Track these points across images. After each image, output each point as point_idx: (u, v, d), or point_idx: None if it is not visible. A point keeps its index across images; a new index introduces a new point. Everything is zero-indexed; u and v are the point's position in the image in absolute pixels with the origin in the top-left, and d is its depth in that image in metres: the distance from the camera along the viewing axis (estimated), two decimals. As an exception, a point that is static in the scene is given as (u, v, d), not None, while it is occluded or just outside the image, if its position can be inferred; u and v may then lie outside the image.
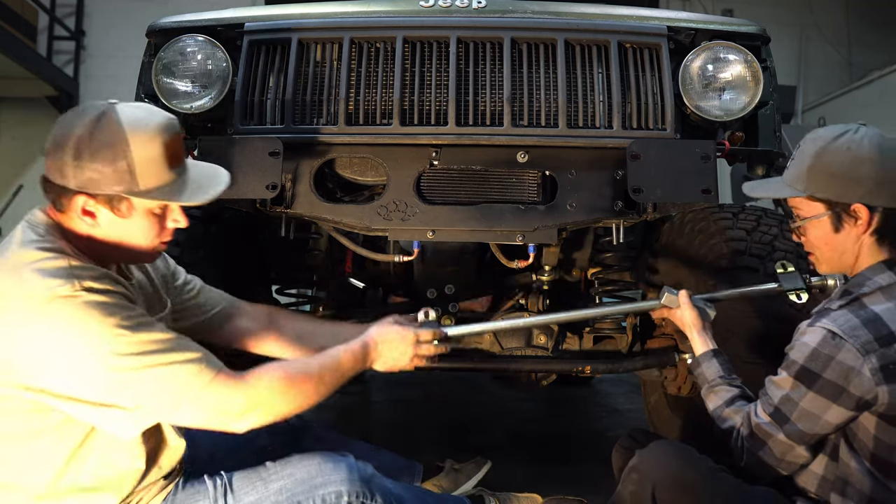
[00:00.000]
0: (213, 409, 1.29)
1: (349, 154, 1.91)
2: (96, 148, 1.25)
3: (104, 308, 1.22)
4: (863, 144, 1.38)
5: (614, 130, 1.85)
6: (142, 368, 1.22)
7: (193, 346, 1.31)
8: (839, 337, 1.30)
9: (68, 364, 1.20)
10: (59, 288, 1.20)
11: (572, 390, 4.27)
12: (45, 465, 1.27)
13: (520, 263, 2.06)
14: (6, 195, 7.40)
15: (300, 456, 1.41)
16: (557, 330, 2.31)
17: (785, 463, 1.40)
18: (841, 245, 1.43)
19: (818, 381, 1.31)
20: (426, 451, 2.31)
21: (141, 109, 1.33)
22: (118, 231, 1.33)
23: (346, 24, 1.94)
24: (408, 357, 1.61)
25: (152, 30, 2.03)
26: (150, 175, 1.29)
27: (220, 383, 1.28)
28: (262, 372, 1.34)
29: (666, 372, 2.41)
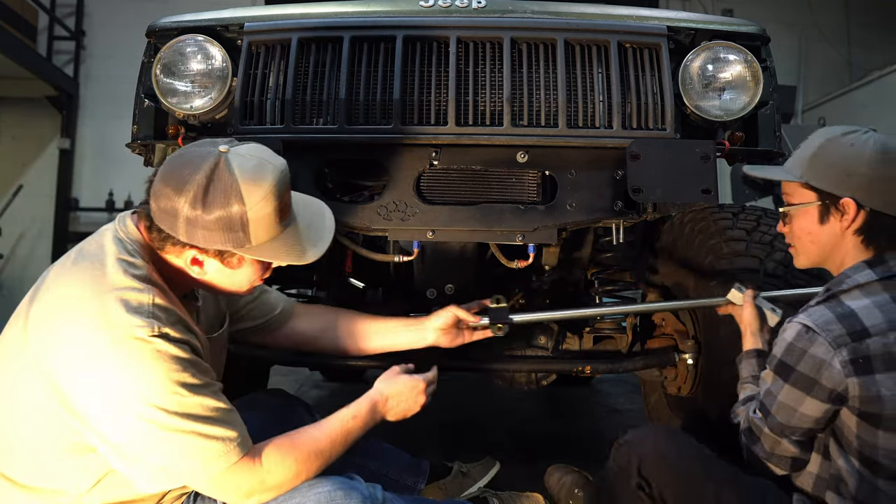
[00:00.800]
0: (226, 490, 1.30)
1: (349, 154, 1.91)
2: (210, 207, 1.25)
3: (175, 362, 1.22)
4: (867, 144, 1.41)
5: (614, 130, 1.85)
6: (182, 432, 1.22)
7: (236, 422, 1.31)
8: (812, 331, 1.34)
9: (121, 407, 1.20)
10: (139, 329, 1.20)
11: (572, 390, 4.27)
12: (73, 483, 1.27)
13: (520, 263, 2.06)
14: (6, 195, 7.41)
15: (308, 484, 1.37)
16: (557, 330, 2.31)
17: (775, 457, 1.43)
18: (822, 238, 1.46)
19: (793, 373, 1.36)
20: (426, 450, 2.31)
21: (253, 160, 1.31)
22: (222, 278, 1.36)
23: (346, 24, 1.93)
24: (419, 404, 1.62)
25: (152, 30, 2.02)
26: (262, 231, 1.30)
27: (241, 468, 1.28)
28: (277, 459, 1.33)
29: (666, 372, 2.41)
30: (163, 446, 1.22)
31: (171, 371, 1.21)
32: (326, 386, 4.37)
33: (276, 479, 1.32)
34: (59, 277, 1.29)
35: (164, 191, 1.27)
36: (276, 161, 1.35)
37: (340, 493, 1.35)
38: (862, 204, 1.40)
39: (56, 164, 7.67)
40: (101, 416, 1.20)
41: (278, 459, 1.33)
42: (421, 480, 1.89)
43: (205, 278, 1.35)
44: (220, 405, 1.28)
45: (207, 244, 1.28)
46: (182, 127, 1.97)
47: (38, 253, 7.50)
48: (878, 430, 1.30)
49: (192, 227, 1.26)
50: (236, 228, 1.27)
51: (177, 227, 1.27)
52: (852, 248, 1.44)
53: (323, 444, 1.41)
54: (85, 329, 1.20)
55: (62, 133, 7.67)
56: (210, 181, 1.25)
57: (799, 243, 1.52)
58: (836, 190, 1.42)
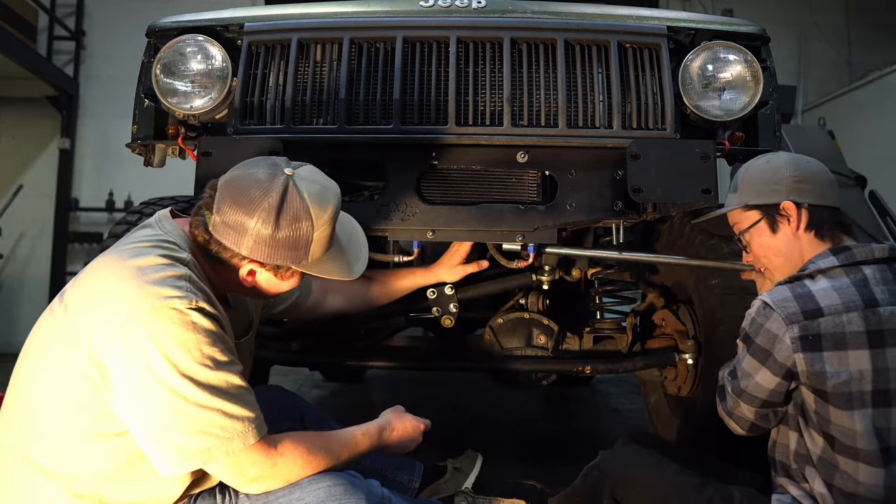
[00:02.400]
0: (236, 471, 1.31)
1: (349, 154, 1.91)
2: (281, 227, 1.33)
3: (207, 334, 1.26)
4: (779, 156, 1.62)
5: (614, 130, 1.85)
6: (207, 408, 1.24)
7: (255, 405, 1.33)
8: (769, 307, 1.44)
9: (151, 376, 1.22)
10: (177, 300, 1.24)
11: (572, 390, 4.27)
12: (93, 468, 1.29)
13: (520, 263, 2.06)
14: (6, 195, 7.40)
15: (309, 479, 1.38)
16: (557, 330, 2.31)
17: (734, 417, 1.55)
18: (781, 246, 1.58)
19: (752, 344, 1.47)
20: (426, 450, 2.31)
21: (317, 185, 1.39)
22: (269, 286, 1.44)
23: (345, 24, 1.93)
24: (415, 443, 1.71)
25: (152, 30, 2.02)
26: (318, 249, 1.40)
27: (255, 451, 1.30)
28: (290, 446, 1.36)
29: (666, 372, 2.41)
30: (187, 421, 1.24)
31: (203, 343, 1.25)
32: (326, 386, 4.37)
33: (286, 466, 1.34)
34: (100, 263, 1.34)
35: (233, 208, 1.33)
36: (333, 185, 1.44)
37: (340, 488, 1.37)
38: (799, 202, 1.54)
39: (56, 164, 7.66)
40: (133, 387, 1.22)
41: (291, 448, 1.36)
42: (415, 479, 1.90)
43: (252, 284, 1.42)
44: (243, 385, 1.31)
45: (269, 260, 1.36)
46: (182, 127, 1.97)
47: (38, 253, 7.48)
48: (829, 405, 1.38)
49: (258, 244, 1.34)
50: (301, 247, 1.36)
51: (241, 243, 1.34)
52: (808, 245, 1.55)
53: (334, 446, 1.45)
54: (125, 302, 1.24)
55: (62, 133, 7.67)
56: (282, 203, 1.33)
57: (767, 261, 1.63)
58: (772, 199, 1.57)
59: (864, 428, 1.34)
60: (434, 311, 2.15)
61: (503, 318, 2.32)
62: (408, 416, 1.71)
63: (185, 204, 2.30)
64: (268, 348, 2.22)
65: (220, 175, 1.46)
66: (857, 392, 1.35)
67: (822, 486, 1.40)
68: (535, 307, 2.35)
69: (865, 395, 1.35)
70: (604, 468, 1.63)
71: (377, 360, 2.34)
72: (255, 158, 1.44)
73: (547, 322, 2.30)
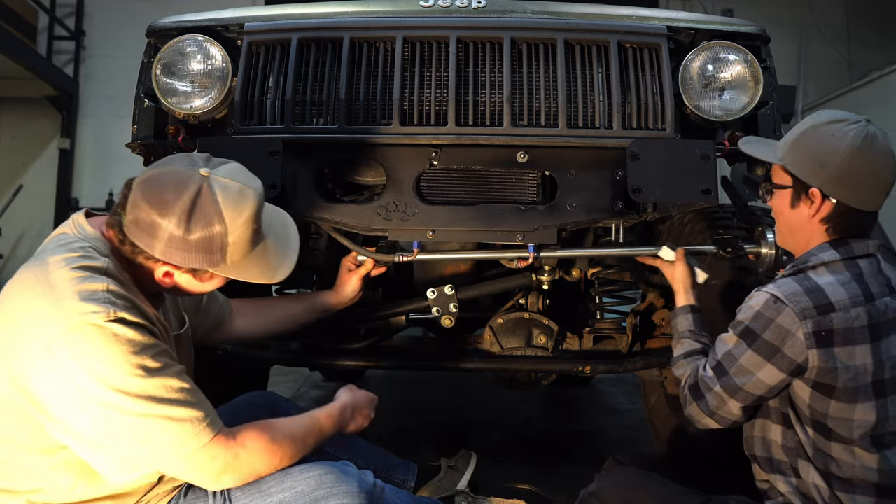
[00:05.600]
0: (196, 469, 1.29)
1: (349, 154, 1.91)
2: (192, 231, 1.27)
3: (131, 345, 1.22)
4: (847, 136, 1.41)
5: (614, 130, 1.85)
6: (145, 416, 1.22)
7: (203, 402, 1.31)
8: (781, 301, 1.39)
9: (79, 393, 1.19)
10: (94, 315, 1.20)
11: (572, 390, 4.27)
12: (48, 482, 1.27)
13: (520, 263, 2.05)
14: (6, 195, 7.41)
15: (300, 468, 1.39)
16: (557, 330, 2.31)
17: (717, 416, 1.49)
18: (791, 221, 1.51)
19: (757, 340, 1.41)
20: (425, 451, 2.31)
21: (235, 186, 1.33)
22: (191, 287, 1.38)
23: (345, 24, 1.93)
24: (369, 419, 1.71)
25: (152, 30, 2.02)
26: (237, 252, 1.34)
27: (214, 447, 1.28)
28: (251, 436, 1.35)
29: (666, 372, 2.41)
30: (129, 433, 1.21)
31: (129, 354, 1.21)
32: (326, 386, 4.37)
33: (249, 457, 1.33)
34: (16, 282, 1.29)
35: (145, 209, 1.27)
36: (255, 185, 1.37)
37: (332, 476, 1.37)
38: (828, 195, 1.43)
39: (56, 163, 7.67)
40: (65, 407, 1.20)
41: (253, 437, 1.34)
42: (410, 479, 1.90)
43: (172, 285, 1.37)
44: (184, 385, 1.28)
45: (183, 263, 1.31)
46: (182, 127, 1.97)
47: (38, 253, 7.50)
48: (831, 399, 1.37)
49: (170, 248, 1.28)
50: (215, 251, 1.30)
51: (153, 246, 1.28)
52: (816, 234, 1.48)
53: (297, 432, 1.43)
54: (42, 324, 1.20)
55: (62, 133, 7.68)
56: (194, 206, 1.27)
57: (777, 221, 1.58)
58: (808, 178, 1.45)
59: (864, 419, 1.36)
60: (434, 311, 2.14)
61: (503, 318, 2.32)
62: (360, 392, 1.72)
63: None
64: (268, 348, 2.21)
65: None
66: (862, 385, 1.36)
67: (818, 478, 1.40)
68: (535, 307, 2.35)
69: (868, 388, 1.36)
70: (602, 497, 1.60)
71: (377, 360, 2.34)
72: (176, 155, 1.39)
73: (547, 322, 2.30)
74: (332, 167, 1.97)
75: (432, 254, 2.03)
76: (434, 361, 2.42)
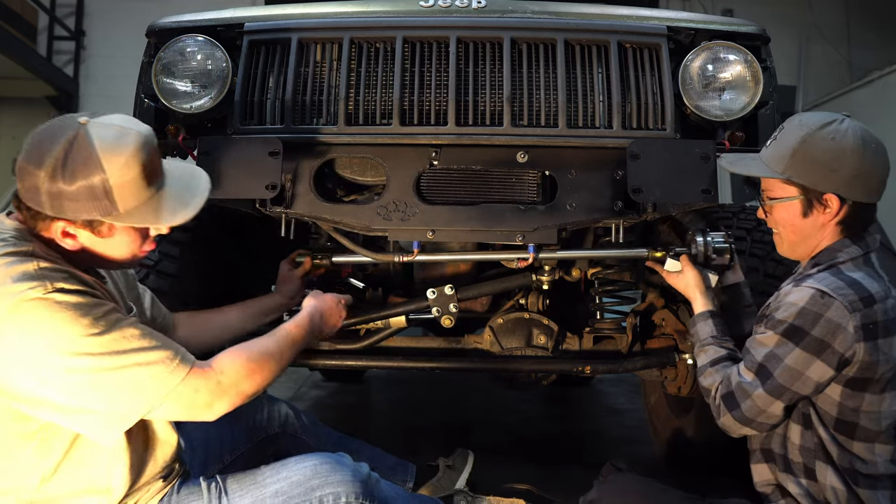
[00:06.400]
0: (187, 405, 1.30)
1: (349, 154, 1.91)
2: (70, 177, 1.23)
3: (77, 308, 1.21)
4: (847, 136, 1.43)
5: (614, 130, 1.85)
6: (116, 369, 1.22)
7: (168, 342, 1.31)
8: (828, 295, 1.37)
9: (41, 367, 1.19)
10: (31, 291, 1.19)
11: (572, 390, 4.27)
12: (32, 472, 1.27)
13: (520, 264, 2.05)
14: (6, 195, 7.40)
15: (296, 458, 1.41)
16: (557, 330, 2.31)
17: (756, 423, 1.45)
18: (805, 230, 1.50)
19: (806, 337, 1.37)
20: (425, 451, 2.31)
21: (113, 129, 1.28)
22: (100, 248, 1.33)
23: (345, 24, 1.93)
24: (341, 319, 1.80)
25: (152, 30, 2.02)
26: (128, 196, 1.27)
27: (193, 378, 1.29)
28: (227, 360, 1.36)
29: (666, 372, 2.41)
30: (103, 389, 1.22)
31: (78, 317, 1.20)
32: (326, 386, 4.37)
33: (231, 377, 1.34)
34: None
35: (26, 167, 1.25)
36: (139, 128, 1.32)
37: (327, 466, 1.39)
38: (845, 198, 1.44)
39: (56, 164, 7.67)
40: (35, 385, 1.20)
41: (228, 361, 1.36)
42: (409, 479, 1.90)
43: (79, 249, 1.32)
44: (143, 332, 1.28)
45: (76, 215, 1.26)
46: (182, 127, 1.97)
47: (38, 253, 7.50)
48: (865, 393, 1.37)
49: (56, 199, 1.24)
50: (100, 196, 1.25)
51: (41, 202, 1.24)
52: (830, 235, 1.49)
53: (271, 346, 1.46)
54: None
55: (62, 133, 7.67)
56: (68, 152, 1.23)
57: (783, 232, 1.56)
58: (819, 186, 1.45)
59: (892, 409, 1.38)
60: (434, 311, 2.14)
61: (503, 318, 2.32)
62: (327, 296, 1.77)
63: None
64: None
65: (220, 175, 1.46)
66: (891, 376, 1.38)
67: (836, 480, 1.39)
68: (535, 307, 2.35)
69: (894, 379, 1.39)
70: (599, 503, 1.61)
71: (377, 360, 2.34)
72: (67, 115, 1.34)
73: (547, 322, 2.30)
74: (331, 167, 1.97)
75: (432, 254, 2.03)
76: (434, 361, 2.42)
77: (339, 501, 1.36)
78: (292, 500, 1.35)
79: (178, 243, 2.13)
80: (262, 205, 1.89)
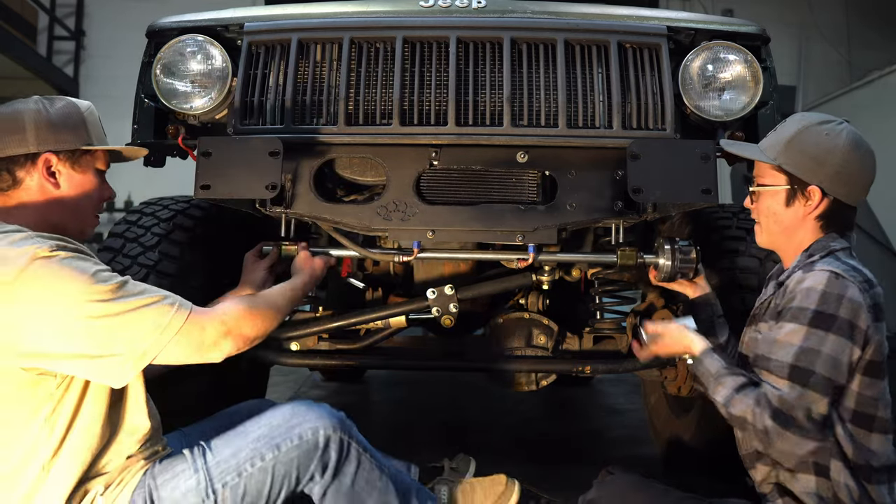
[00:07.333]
0: (194, 343, 1.38)
1: (349, 154, 1.91)
2: (57, 115, 1.44)
3: (81, 261, 1.31)
4: (840, 136, 1.50)
5: (614, 130, 1.85)
6: (128, 310, 1.30)
7: (164, 290, 1.41)
8: (842, 277, 1.39)
9: (62, 318, 1.26)
10: (38, 250, 1.27)
11: (572, 390, 4.27)
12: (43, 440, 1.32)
13: (520, 264, 2.05)
14: None
15: (274, 407, 1.53)
16: (557, 330, 2.31)
17: (813, 431, 1.35)
18: (785, 219, 1.55)
19: (836, 321, 1.36)
20: (425, 451, 2.31)
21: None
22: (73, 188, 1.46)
23: (345, 24, 1.93)
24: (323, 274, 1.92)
25: (152, 30, 2.02)
26: (95, 133, 1.50)
27: (197, 317, 1.38)
28: (228, 305, 1.48)
29: (666, 372, 2.41)
30: (120, 330, 1.30)
31: (84, 267, 1.30)
32: (326, 386, 4.37)
33: (233, 319, 1.45)
34: None
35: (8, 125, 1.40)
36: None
37: (303, 407, 1.51)
38: (827, 192, 1.49)
39: (56, 164, 7.67)
40: (54, 336, 1.27)
41: (230, 305, 1.48)
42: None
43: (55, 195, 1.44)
44: (139, 281, 1.39)
45: (57, 144, 1.42)
46: (182, 127, 1.97)
47: (38, 253, 7.50)
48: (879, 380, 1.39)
49: (42, 131, 1.41)
50: (79, 126, 1.46)
51: (26, 139, 1.40)
52: (810, 231, 1.53)
53: (271, 300, 1.60)
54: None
55: (62, 133, 7.67)
56: (49, 102, 1.45)
57: (764, 222, 1.61)
58: (806, 177, 1.50)
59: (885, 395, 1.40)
60: (434, 311, 2.14)
61: (503, 318, 2.32)
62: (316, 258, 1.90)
63: (185, 204, 2.30)
64: (267, 348, 2.21)
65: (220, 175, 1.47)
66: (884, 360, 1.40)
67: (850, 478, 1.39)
68: (535, 307, 2.35)
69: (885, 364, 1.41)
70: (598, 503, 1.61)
71: (377, 360, 2.34)
72: None
73: (547, 322, 2.30)
74: (331, 167, 1.97)
75: (432, 254, 2.03)
76: (434, 361, 2.42)
77: (317, 434, 1.45)
78: (274, 440, 1.43)
79: (178, 243, 2.13)
80: (262, 205, 1.89)
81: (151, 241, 2.11)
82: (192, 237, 2.18)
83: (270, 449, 1.43)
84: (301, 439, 1.44)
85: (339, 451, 1.48)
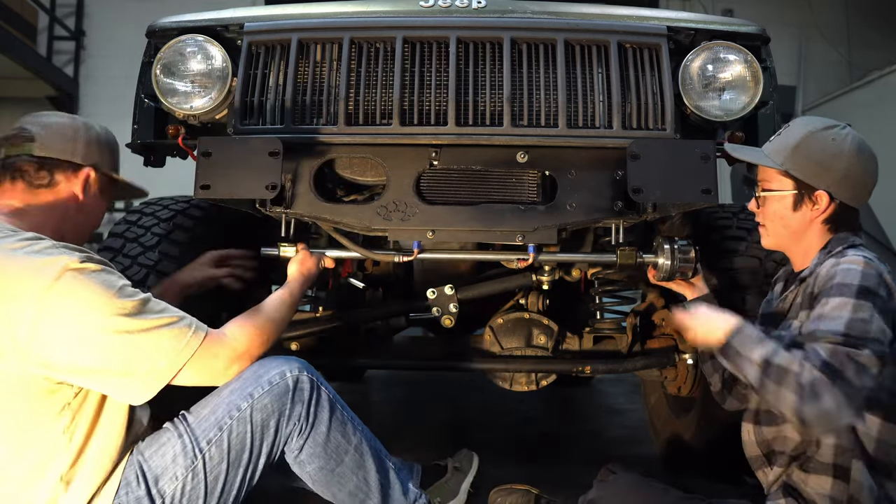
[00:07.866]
0: (207, 370, 1.42)
1: (349, 154, 1.91)
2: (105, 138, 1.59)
3: (109, 274, 1.33)
4: (846, 140, 1.53)
5: (614, 130, 1.85)
6: (150, 329, 1.33)
7: (182, 312, 1.42)
8: (872, 260, 1.43)
9: (86, 329, 1.28)
10: (69, 261, 1.29)
11: (572, 390, 4.27)
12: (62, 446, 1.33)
13: (520, 264, 2.05)
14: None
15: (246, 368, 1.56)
16: (557, 330, 2.31)
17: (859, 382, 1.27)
18: (792, 224, 1.57)
19: (877, 300, 1.36)
20: (425, 451, 2.31)
21: None
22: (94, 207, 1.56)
23: (345, 24, 1.93)
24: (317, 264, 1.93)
25: (152, 30, 2.02)
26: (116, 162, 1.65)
27: (210, 343, 1.41)
28: (237, 329, 1.51)
29: (666, 372, 2.41)
30: (142, 348, 1.32)
31: (111, 282, 1.33)
32: (326, 386, 4.36)
33: (243, 345, 1.49)
34: None
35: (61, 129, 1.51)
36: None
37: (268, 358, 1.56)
38: (834, 196, 1.52)
39: (56, 164, 7.67)
40: (79, 351, 1.28)
41: (239, 329, 1.51)
42: (415, 480, 1.89)
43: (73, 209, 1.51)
44: (160, 301, 1.42)
45: (100, 158, 1.54)
46: (182, 127, 1.97)
47: (38, 253, 7.50)
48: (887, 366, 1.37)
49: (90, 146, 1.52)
50: (115, 150, 1.62)
51: (75, 150, 1.50)
52: (818, 234, 1.56)
53: (272, 312, 1.63)
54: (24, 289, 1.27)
55: (62, 133, 7.68)
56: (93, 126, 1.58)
57: (771, 225, 1.62)
58: (813, 181, 1.53)
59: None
60: (434, 311, 2.14)
61: (503, 318, 2.32)
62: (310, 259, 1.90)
63: (184, 204, 2.30)
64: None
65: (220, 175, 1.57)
66: None
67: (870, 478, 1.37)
68: (535, 307, 2.35)
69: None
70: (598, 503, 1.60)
71: (377, 360, 2.34)
72: None
73: (547, 322, 2.30)
74: (331, 167, 1.97)
75: (432, 254, 2.03)
76: (434, 361, 2.42)
77: (285, 377, 1.52)
78: (246, 389, 1.48)
79: (178, 243, 2.13)
80: (262, 205, 1.89)
81: (151, 241, 2.11)
82: (192, 237, 2.18)
83: (244, 398, 1.47)
84: (271, 384, 1.50)
85: (311, 391, 1.54)
